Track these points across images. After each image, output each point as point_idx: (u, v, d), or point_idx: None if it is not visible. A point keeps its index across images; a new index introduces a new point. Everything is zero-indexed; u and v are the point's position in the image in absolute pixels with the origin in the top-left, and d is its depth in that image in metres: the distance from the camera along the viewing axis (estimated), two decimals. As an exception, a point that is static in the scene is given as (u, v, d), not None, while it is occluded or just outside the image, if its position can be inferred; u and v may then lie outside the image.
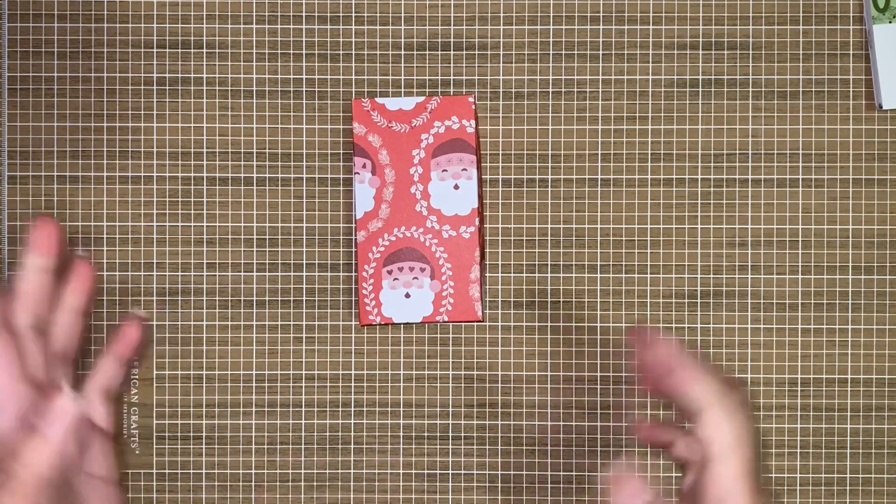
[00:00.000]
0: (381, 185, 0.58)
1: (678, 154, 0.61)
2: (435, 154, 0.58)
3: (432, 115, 0.58)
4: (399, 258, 0.58)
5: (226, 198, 0.61)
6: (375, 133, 0.58)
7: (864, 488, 0.61)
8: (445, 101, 0.58)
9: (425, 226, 0.58)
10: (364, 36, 0.61)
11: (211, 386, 0.61)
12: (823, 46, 0.61)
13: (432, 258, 0.58)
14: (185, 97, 0.61)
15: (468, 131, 0.58)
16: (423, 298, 0.58)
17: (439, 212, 0.58)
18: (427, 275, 0.58)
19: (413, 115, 0.58)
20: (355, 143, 0.58)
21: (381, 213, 0.58)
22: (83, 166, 0.61)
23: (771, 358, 0.61)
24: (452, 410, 0.61)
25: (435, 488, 0.61)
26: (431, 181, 0.58)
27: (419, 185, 0.58)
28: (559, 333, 0.61)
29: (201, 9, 0.61)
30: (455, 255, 0.58)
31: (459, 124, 0.58)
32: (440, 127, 0.58)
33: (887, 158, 0.61)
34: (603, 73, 0.61)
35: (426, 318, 0.58)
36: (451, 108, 0.58)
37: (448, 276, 0.58)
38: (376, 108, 0.59)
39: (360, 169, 0.58)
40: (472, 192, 0.58)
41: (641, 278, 0.61)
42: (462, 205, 0.58)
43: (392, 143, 0.58)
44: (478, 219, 0.58)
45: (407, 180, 0.58)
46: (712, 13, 0.61)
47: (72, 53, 0.61)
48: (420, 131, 0.58)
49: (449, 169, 0.58)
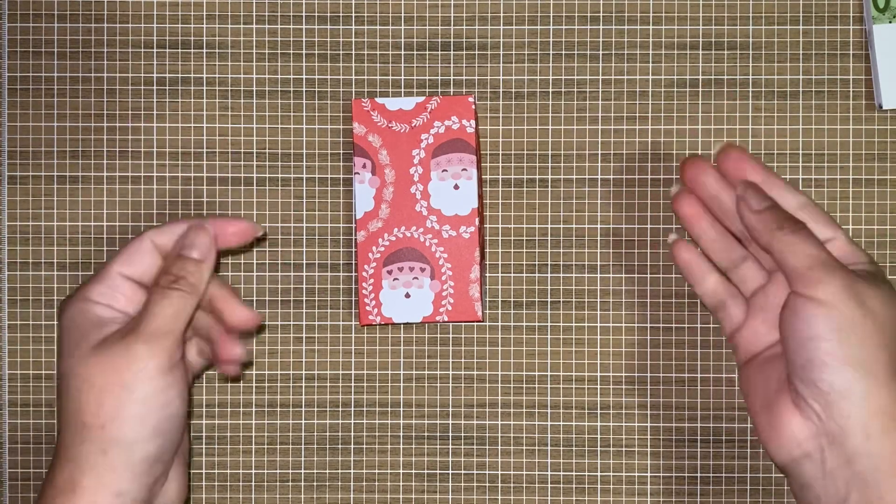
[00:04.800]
0: (381, 185, 0.58)
1: (678, 154, 0.61)
2: (435, 154, 0.58)
3: (432, 115, 0.58)
4: (399, 258, 0.58)
5: (226, 198, 0.61)
6: (375, 133, 0.58)
7: (864, 488, 0.61)
8: (445, 101, 0.58)
9: (425, 226, 0.58)
10: (364, 36, 0.61)
11: (211, 386, 0.61)
12: (823, 46, 0.61)
13: (432, 258, 0.58)
14: (185, 97, 0.61)
15: (468, 131, 0.58)
16: (423, 298, 0.58)
17: (439, 212, 0.58)
18: (427, 275, 0.58)
19: (413, 115, 0.58)
20: (355, 143, 0.58)
21: (381, 213, 0.58)
22: (83, 166, 0.61)
23: (771, 358, 0.61)
24: (452, 410, 0.61)
25: (435, 488, 0.61)
26: (431, 181, 0.58)
27: (419, 185, 0.58)
28: (559, 333, 0.61)
29: (201, 9, 0.61)
30: (455, 255, 0.58)
31: (459, 124, 0.58)
32: (440, 127, 0.58)
33: (887, 158, 0.61)
34: (603, 73, 0.61)
35: (426, 318, 0.58)
36: (451, 108, 0.58)
37: (448, 276, 0.58)
38: (376, 108, 0.58)
39: (360, 169, 0.58)
40: (473, 192, 0.58)
41: (641, 278, 0.61)
42: (462, 205, 0.58)
43: (392, 143, 0.58)
44: (478, 219, 0.58)
45: (407, 180, 0.58)
46: (712, 13, 0.61)
47: (72, 53, 0.61)
48: (420, 131, 0.58)
49: (449, 169, 0.58)
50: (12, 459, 0.61)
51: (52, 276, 0.61)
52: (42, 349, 0.61)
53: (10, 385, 0.61)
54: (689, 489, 0.61)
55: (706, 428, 0.61)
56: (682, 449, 0.61)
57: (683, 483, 0.61)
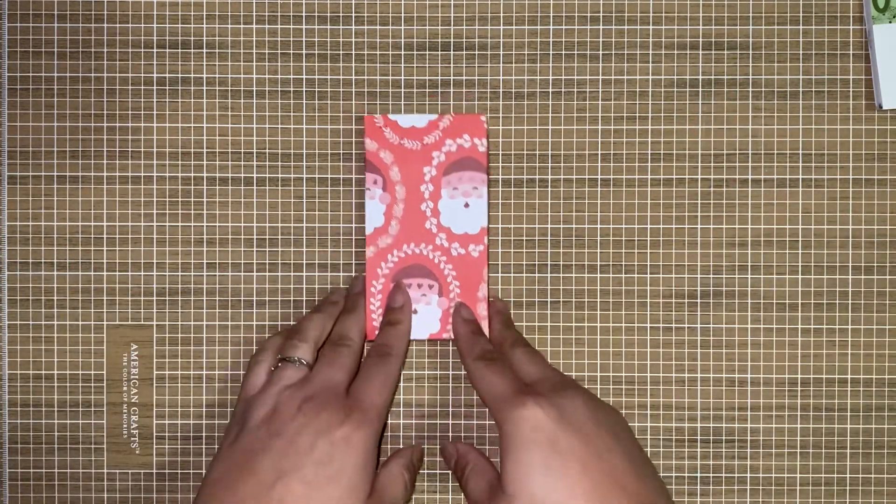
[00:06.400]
0: (391, 202, 0.58)
1: (678, 154, 0.61)
2: (446, 172, 0.58)
3: (444, 134, 0.58)
4: (408, 275, 0.58)
5: (226, 198, 0.61)
6: (387, 149, 0.58)
7: (863, 488, 0.61)
8: (458, 119, 0.58)
9: (434, 243, 0.58)
10: (364, 36, 0.61)
11: (211, 386, 0.61)
12: (823, 46, 0.61)
13: (441, 275, 0.58)
14: (185, 97, 0.61)
15: (480, 150, 0.58)
16: (430, 315, 0.58)
17: (449, 230, 0.58)
18: (435, 292, 0.58)
19: (425, 132, 0.58)
20: (367, 159, 0.58)
21: (391, 229, 0.58)
22: (83, 166, 0.61)
23: (771, 358, 0.61)
24: (453, 410, 0.61)
25: (435, 488, 0.61)
26: (442, 199, 0.58)
27: (429, 203, 0.58)
28: (559, 333, 0.61)
29: (201, 9, 0.61)
30: (463, 274, 0.58)
31: (471, 143, 0.58)
32: (452, 145, 0.58)
33: (887, 158, 0.61)
34: (603, 73, 0.61)
35: (433, 336, 0.58)
36: (464, 127, 0.58)
37: (456, 294, 0.58)
38: (389, 125, 0.58)
39: (371, 185, 0.58)
40: (483, 211, 0.58)
41: (641, 278, 0.61)
42: (471, 223, 0.58)
43: (403, 160, 0.58)
44: (486, 237, 0.58)
45: (417, 197, 0.58)
46: (712, 13, 0.61)
47: (72, 53, 0.61)
48: (432, 149, 0.58)
49: (459, 187, 0.58)
50: (12, 459, 0.61)
51: (52, 276, 0.61)
52: (42, 349, 0.61)
53: (9, 385, 0.61)
54: (689, 489, 0.61)
55: (706, 428, 0.61)
56: (682, 449, 0.61)
57: (683, 483, 0.61)
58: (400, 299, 0.58)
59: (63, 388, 0.61)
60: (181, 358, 0.61)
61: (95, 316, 0.61)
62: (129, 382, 0.61)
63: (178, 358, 0.61)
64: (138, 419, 0.61)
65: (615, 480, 0.50)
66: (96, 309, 0.61)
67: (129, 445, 0.61)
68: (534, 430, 0.51)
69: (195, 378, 0.61)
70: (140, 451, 0.61)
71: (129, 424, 0.61)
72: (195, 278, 0.61)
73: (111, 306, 0.61)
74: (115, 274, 0.61)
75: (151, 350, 0.61)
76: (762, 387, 0.61)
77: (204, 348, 0.61)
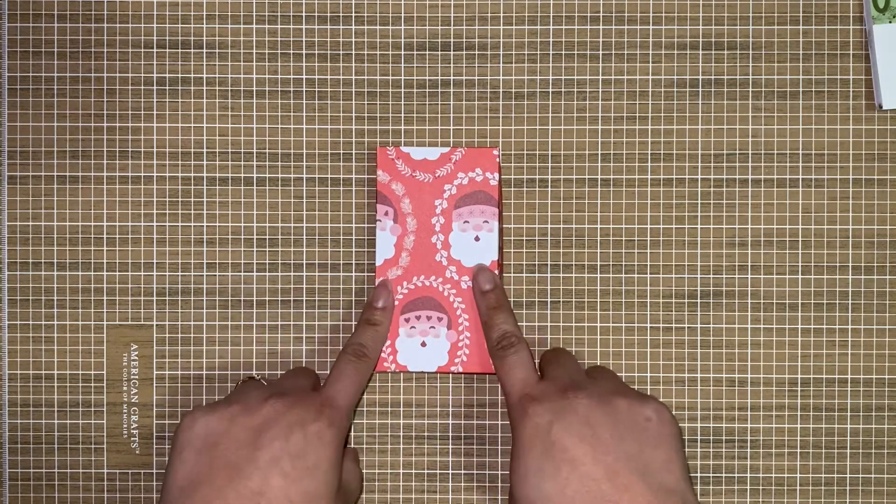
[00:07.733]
0: (402, 234, 0.58)
1: (678, 154, 0.61)
2: (457, 205, 0.58)
3: (456, 167, 0.58)
4: (417, 307, 0.58)
5: (226, 198, 0.61)
6: (399, 181, 0.58)
7: (863, 488, 0.61)
8: (470, 152, 0.58)
9: (444, 276, 0.58)
10: (364, 36, 0.61)
11: (211, 386, 0.61)
12: (823, 46, 0.61)
13: (450, 308, 0.58)
14: (185, 97, 0.61)
15: (492, 184, 0.58)
16: (439, 348, 0.58)
17: (459, 262, 0.58)
18: (444, 325, 0.58)
19: (437, 165, 0.58)
20: (378, 190, 0.58)
21: (402, 261, 0.58)
22: (83, 166, 0.61)
23: (771, 358, 0.61)
24: (452, 410, 0.61)
25: (435, 488, 0.61)
26: (453, 231, 0.58)
27: (440, 235, 0.58)
28: (559, 333, 0.61)
29: (201, 9, 0.61)
30: (473, 307, 0.58)
31: (483, 176, 0.58)
32: (464, 178, 0.58)
33: (887, 158, 0.61)
34: (603, 73, 0.61)
35: (441, 369, 0.58)
36: (476, 161, 0.58)
37: (465, 328, 0.58)
38: (401, 157, 0.59)
39: (382, 216, 0.58)
40: (493, 245, 0.58)
41: (641, 278, 0.61)
42: (482, 256, 0.58)
43: (415, 192, 0.58)
44: (498, 270, 0.58)
45: (428, 229, 0.58)
46: (712, 13, 0.61)
47: (72, 53, 0.61)
48: (444, 182, 0.58)
49: (470, 220, 0.58)
50: (12, 459, 0.61)
51: (52, 276, 0.61)
52: (42, 349, 0.61)
53: (10, 385, 0.61)
54: (689, 489, 0.61)
55: (706, 428, 0.61)
56: (682, 449, 0.61)
57: (683, 483, 0.61)
58: (383, 299, 0.58)
59: (63, 388, 0.61)
60: (181, 358, 0.61)
61: (95, 316, 0.61)
62: (129, 382, 0.61)
63: (178, 358, 0.61)
64: (138, 419, 0.61)
65: (615, 480, 0.50)
66: (96, 309, 0.61)
67: (129, 445, 0.61)
68: (532, 436, 0.52)
69: (195, 378, 0.61)
70: (140, 451, 0.61)
71: (129, 424, 0.61)
72: (195, 278, 0.61)
73: (111, 306, 0.61)
74: (115, 274, 0.61)
75: (151, 350, 0.61)
76: (762, 387, 0.61)
77: (204, 348, 0.61)
